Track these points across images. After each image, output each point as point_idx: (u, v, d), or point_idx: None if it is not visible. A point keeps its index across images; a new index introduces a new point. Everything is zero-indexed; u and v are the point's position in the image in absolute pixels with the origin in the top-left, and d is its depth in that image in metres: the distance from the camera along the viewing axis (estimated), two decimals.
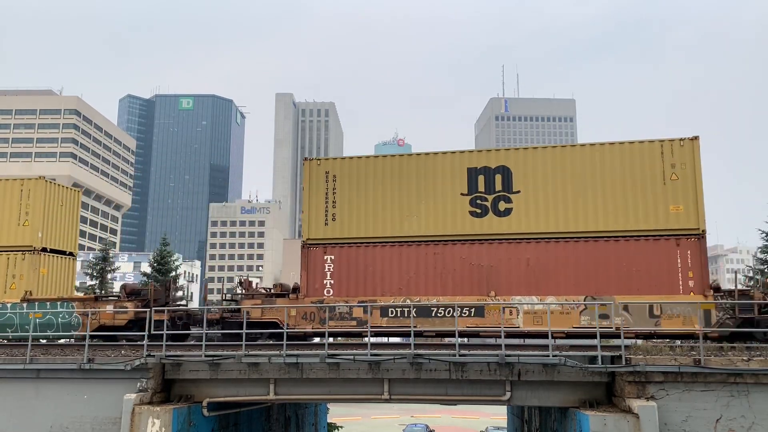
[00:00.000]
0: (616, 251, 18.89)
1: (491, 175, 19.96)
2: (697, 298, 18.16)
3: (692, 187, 18.76)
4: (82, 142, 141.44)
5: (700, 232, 18.51)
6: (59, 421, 16.49)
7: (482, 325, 18.96)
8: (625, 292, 18.59)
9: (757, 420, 14.23)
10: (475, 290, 19.45)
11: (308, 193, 20.78)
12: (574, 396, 15.88)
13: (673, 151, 18.98)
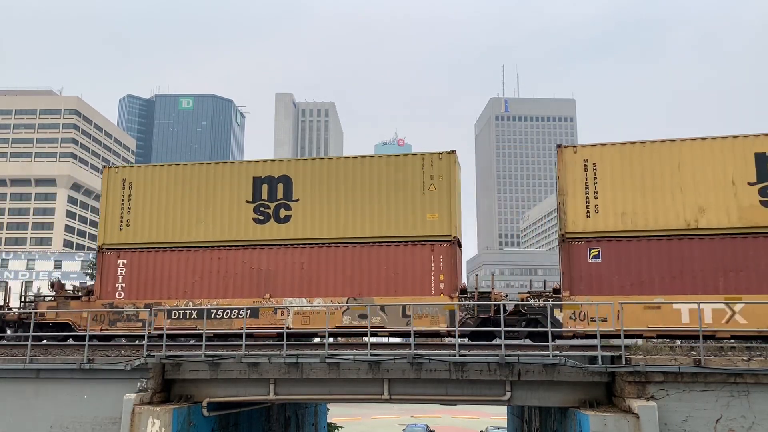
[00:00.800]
0: (378, 256, 20.26)
1: (274, 184, 21.19)
2: (444, 299, 19.46)
3: (447, 196, 20.09)
4: (82, 142, 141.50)
5: (452, 238, 19.84)
6: (59, 421, 16.48)
7: (256, 326, 20.16)
8: (384, 293, 19.99)
9: (757, 420, 14.22)
10: (254, 293, 20.68)
11: (105, 200, 22.03)
12: (574, 396, 15.87)
13: (432, 163, 20.31)
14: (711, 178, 18.47)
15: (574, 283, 18.88)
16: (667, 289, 18.21)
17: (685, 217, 18.44)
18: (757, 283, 17.68)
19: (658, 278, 18.32)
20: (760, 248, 17.81)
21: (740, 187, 18.24)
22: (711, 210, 18.31)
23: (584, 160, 19.36)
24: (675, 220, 18.48)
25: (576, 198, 19.22)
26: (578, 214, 19.15)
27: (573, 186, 19.31)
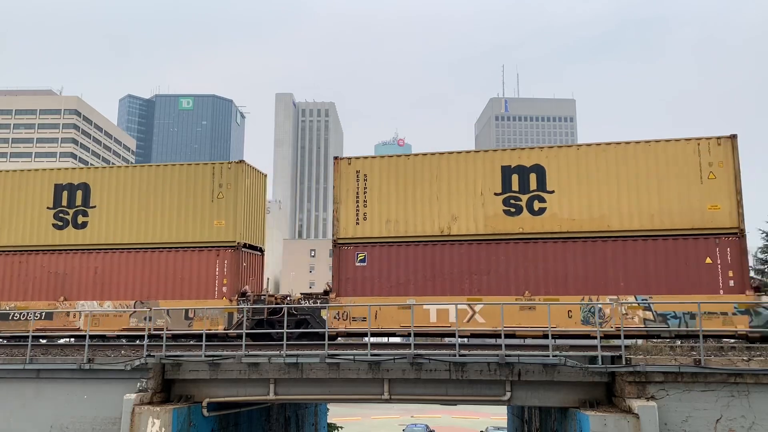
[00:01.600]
0: (166, 261, 21.31)
1: (74, 191, 22.19)
2: (226, 302, 20.68)
3: (233, 204, 21.11)
4: (82, 142, 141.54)
5: (235, 244, 20.90)
6: (59, 421, 16.50)
7: (50, 327, 21.46)
8: (170, 296, 21.04)
9: (757, 420, 14.23)
10: (51, 296, 21.78)
11: None
12: (574, 396, 15.88)
13: (222, 172, 21.36)
14: (464, 188, 20.14)
15: (341, 285, 20.25)
16: (420, 291, 19.83)
17: (439, 225, 20.04)
18: (497, 285, 19.48)
19: (413, 280, 19.93)
20: (501, 253, 19.59)
21: (488, 198, 19.95)
22: (462, 218, 20.00)
23: (357, 171, 20.76)
24: (431, 227, 20.08)
25: (348, 206, 20.61)
26: (349, 222, 20.54)
27: (346, 195, 20.71)
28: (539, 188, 19.66)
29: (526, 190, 19.74)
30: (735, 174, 18.44)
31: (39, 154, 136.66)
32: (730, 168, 18.50)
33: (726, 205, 18.36)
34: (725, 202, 18.38)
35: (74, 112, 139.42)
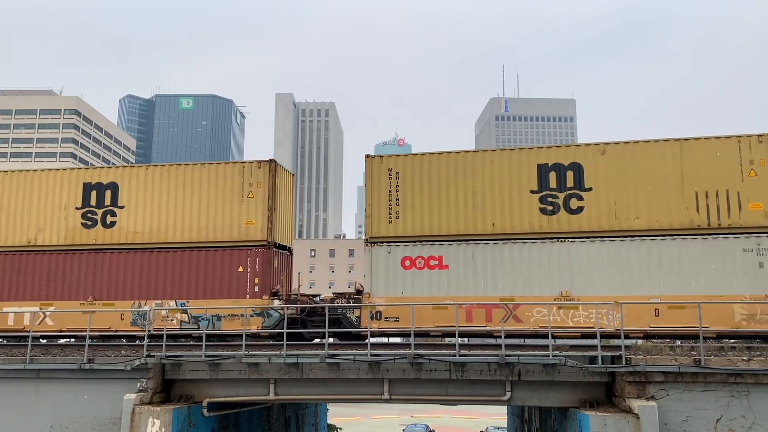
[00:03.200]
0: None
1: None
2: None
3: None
4: (82, 142, 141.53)
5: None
6: (59, 421, 16.49)
7: None
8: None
9: (757, 420, 14.23)
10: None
11: None
12: (574, 396, 15.88)
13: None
14: (50, 203, 22.02)
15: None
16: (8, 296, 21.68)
17: (27, 236, 21.94)
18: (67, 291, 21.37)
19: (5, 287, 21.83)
20: (75, 262, 21.43)
21: (70, 212, 21.82)
22: (47, 230, 21.86)
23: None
24: (20, 237, 21.99)
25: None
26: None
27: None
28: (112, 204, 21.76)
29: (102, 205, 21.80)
30: (268, 194, 20.68)
31: (39, 154, 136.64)
32: (266, 189, 20.73)
33: (259, 221, 20.58)
34: (259, 219, 20.62)
35: (74, 112, 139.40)
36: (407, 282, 19.75)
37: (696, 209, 18.41)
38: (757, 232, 17.98)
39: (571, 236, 19.10)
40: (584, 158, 19.44)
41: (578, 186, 19.29)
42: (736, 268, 17.90)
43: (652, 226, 18.63)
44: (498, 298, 19.05)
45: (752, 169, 18.30)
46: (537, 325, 18.52)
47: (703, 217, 18.34)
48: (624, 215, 18.84)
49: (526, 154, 19.92)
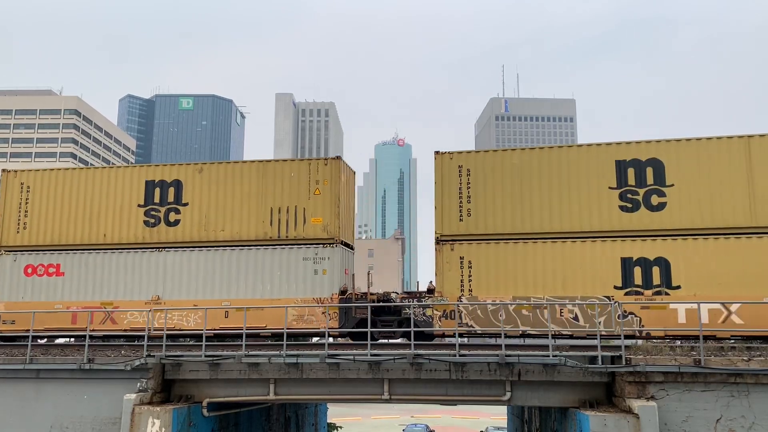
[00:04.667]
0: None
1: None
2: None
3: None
4: (82, 142, 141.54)
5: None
6: (59, 421, 16.49)
7: None
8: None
9: (757, 420, 14.22)
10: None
11: None
12: (574, 396, 15.88)
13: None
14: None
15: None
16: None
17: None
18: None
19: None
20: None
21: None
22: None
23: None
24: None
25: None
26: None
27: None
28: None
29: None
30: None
31: (39, 154, 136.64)
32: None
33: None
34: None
35: (74, 112, 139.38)
36: None
37: (270, 223, 20.74)
38: (316, 243, 20.39)
39: (167, 246, 21.13)
40: (185, 175, 21.47)
41: (177, 201, 21.41)
42: (298, 274, 20.31)
43: (234, 237, 20.81)
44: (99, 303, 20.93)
45: (317, 188, 20.77)
46: (130, 326, 20.66)
47: (275, 230, 20.68)
48: (212, 228, 21.00)
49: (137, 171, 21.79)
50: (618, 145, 19.48)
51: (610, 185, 19.16)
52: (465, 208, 19.92)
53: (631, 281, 18.53)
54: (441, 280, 19.71)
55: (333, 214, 20.52)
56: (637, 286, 18.46)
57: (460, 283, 19.52)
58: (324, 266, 20.32)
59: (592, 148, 19.61)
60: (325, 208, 20.55)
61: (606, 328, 18.02)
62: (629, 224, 18.81)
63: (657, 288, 18.33)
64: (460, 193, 20.03)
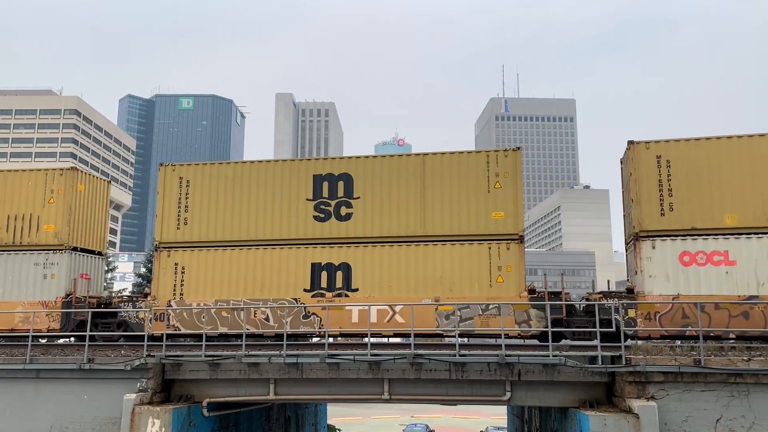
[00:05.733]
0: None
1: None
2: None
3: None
4: (82, 142, 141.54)
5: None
6: (59, 421, 16.49)
7: None
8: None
9: (757, 420, 14.22)
10: None
11: None
12: (574, 396, 15.87)
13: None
14: None
15: None
16: None
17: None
18: None
19: None
20: None
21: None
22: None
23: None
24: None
25: None
26: None
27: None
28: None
29: None
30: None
31: (39, 154, 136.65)
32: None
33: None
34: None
35: (74, 112, 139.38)
36: None
37: (6, 229, 21.79)
38: (47, 250, 21.46)
39: None
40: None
41: None
42: (29, 278, 21.41)
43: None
44: None
45: (52, 197, 21.78)
46: None
47: (11, 237, 21.72)
48: None
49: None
50: (316, 160, 21.12)
51: (307, 197, 20.75)
52: (183, 216, 21.19)
53: (318, 284, 20.16)
54: (156, 285, 20.82)
55: (64, 222, 21.48)
56: (323, 288, 20.15)
57: (173, 288, 20.70)
58: (53, 271, 21.37)
59: (294, 162, 21.21)
60: (58, 215, 21.54)
61: (292, 328, 19.76)
62: (321, 233, 20.47)
63: (339, 290, 20.07)
64: (179, 203, 21.30)
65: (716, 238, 18.11)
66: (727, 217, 18.13)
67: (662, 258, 18.32)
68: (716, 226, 18.17)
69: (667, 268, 18.22)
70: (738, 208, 18.11)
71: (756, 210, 18.00)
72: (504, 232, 19.46)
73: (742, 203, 18.11)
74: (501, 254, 19.34)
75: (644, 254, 18.42)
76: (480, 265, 19.38)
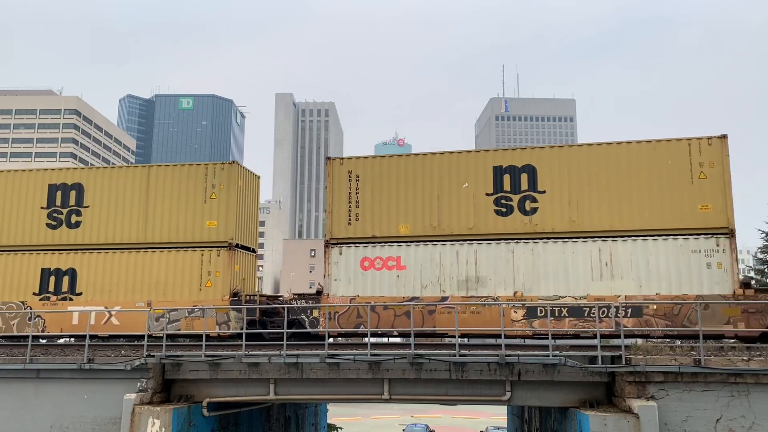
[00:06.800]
0: None
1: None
2: None
3: None
4: (82, 142, 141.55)
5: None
6: (59, 421, 16.49)
7: None
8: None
9: (757, 420, 14.22)
10: None
11: None
12: (574, 396, 15.88)
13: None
14: None
15: None
16: None
17: None
18: None
19: None
20: None
21: None
22: None
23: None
24: None
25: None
26: None
27: None
28: None
29: None
30: None
31: (39, 154, 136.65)
32: None
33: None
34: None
35: (74, 112, 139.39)
36: None
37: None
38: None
39: None
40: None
41: None
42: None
43: None
44: None
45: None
46: None
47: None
48: None
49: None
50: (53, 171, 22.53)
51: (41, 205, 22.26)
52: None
53: (46, 288, 21.59)
54: None
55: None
56: (50, 292, 21.57)
57: None
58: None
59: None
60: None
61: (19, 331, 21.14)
62: (53, 239, 21.87)
63: (64, 294, 21.47)
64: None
65: (392, 245, 20.13)
66: (402, 226, 20.17)
67: (346, 263, 20.31)
68: (393, 234, 20.17)
69: (350, 272, 20.20)
70: (410, 219, 20.13)
71: (424, 220, 20.03)
72: (216, 239, 20.97)
73: (413, 214, 20.12)
74: (212, 260, 20.84)
75: (332, 260, 20.46)
76: (192, 270, 20.91)
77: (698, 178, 18.47)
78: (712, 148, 18.52)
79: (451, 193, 19.96)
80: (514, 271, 19.23)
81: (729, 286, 17.85)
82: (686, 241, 18.31)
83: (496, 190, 19.69)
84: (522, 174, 19.63)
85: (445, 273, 19.61)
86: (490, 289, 19.27)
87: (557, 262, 18.94)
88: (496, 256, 19.38)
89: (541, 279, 18.95)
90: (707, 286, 17.93)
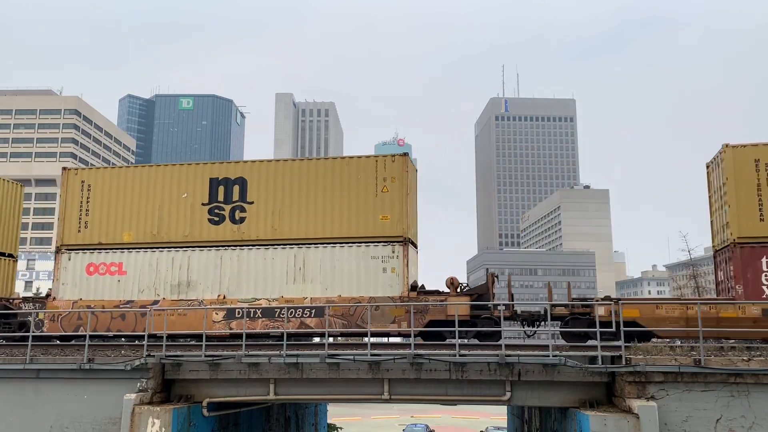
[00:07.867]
0: None
1: None
2: None
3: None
4: (82, 142, 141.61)
5: None
6: (59, 421, 16.48)
7: None
8: None
9: (757, 420, 14.22)
10: None
11: None
12: (574, 396, 15.87)
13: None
14: None
15: None
16: None
17: None
18: None
19: None
20: None
21: None
22: None
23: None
24: None
25: None
26: None
27: None
28: None
29: None
30: None
31: (39, 154, 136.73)
32: None
33: None
34: None
35: (74, 112, 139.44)
36: None
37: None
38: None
39: None
40: None
41: None
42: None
43: None
44: None
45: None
46: None
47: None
48: None
49: None
50: None
51: None
52: None
53: None
54: None
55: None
56: None
57: None
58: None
59: None
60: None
61: None
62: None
63: None
64: None
65: (115, 252, 21.39)
66: (125, 234, 21.41)
67: (73, 268, 21.49)
68: (117, 242, 21.41)
69: (76, 277, 21.39)
70: (134, 227, 21.41)
71: (146, 228, 21.30)
72: None
73: (137, 223, 21.39)
74: None
75: (62, 265, 21.60)
76: None
77: (381, 192, 20.26)
78: (395, 165, 20.30)
79: (171, 203, 21.36)
80: (221, 275, 20.78)
81: (399, 289, 19.65)
82: (368, 248, 20.06)
83: (211, 201, 21.15)
84: (234, 186, 21.10)
85: (160, 278, 21.03)
86: (199, 293, 20.78)
87: (258, 267, 20.55)
88: (206, 262, 20.88)
89: (243, 283, 20.53)
90: (381, 288, 19.83)
